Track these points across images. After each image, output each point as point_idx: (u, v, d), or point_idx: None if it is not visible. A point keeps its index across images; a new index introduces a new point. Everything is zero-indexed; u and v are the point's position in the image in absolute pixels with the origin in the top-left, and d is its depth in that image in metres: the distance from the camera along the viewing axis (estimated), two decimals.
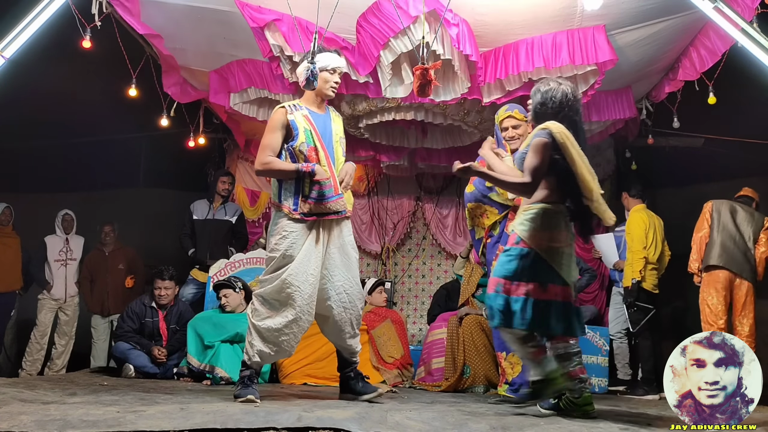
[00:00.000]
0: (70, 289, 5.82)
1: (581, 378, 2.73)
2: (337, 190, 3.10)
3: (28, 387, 3.21)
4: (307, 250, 3.05)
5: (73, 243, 5.91)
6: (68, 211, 5.95)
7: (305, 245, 3.05)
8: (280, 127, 3.10)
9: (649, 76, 4.95)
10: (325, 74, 3.18)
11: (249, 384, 3.05)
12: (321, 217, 3.08)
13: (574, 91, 2.89)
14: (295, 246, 3.03)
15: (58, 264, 5.81)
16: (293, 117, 3.12)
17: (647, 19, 4.06)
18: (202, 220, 5.73)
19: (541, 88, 2.90)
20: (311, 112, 3.19)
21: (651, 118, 5.45)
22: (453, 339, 4.57)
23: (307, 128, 3.11)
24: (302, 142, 3.07)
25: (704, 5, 3.33)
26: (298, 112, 3.15)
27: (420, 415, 2.47)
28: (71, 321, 5.83)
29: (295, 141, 3.08)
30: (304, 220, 3.06)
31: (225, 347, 4.37)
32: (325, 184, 3.05)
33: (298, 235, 3.05)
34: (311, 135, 3.11)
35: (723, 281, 4.40)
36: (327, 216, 3.09)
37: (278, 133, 3.10)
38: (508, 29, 4.15)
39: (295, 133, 3.09)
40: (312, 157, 3.08)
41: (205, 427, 2.05)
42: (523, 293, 2.69)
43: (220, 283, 4.73)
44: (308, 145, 3.08)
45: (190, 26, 4.39)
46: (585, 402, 2.72)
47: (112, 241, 6.01)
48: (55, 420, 2.07)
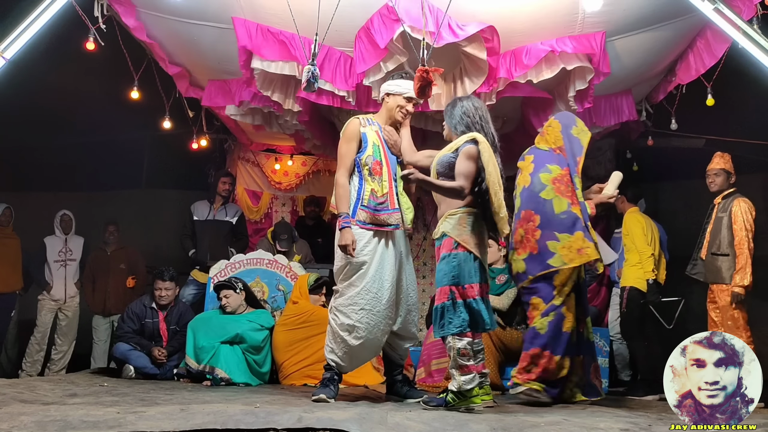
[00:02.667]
0: (70, 289, 5.82)
1: (482, 373, 2.99)
2: (393, 205, 3.28)
3: (28, 388, 3.22)
4: (381, 256, 3.23)
5: (72, 243, 5.90)
6: (66, 211, 5.93)
7: (378, 253, 3.23)
8: (354, 138, 3.30)
9: (649, 79, 4.96)
10: (400, 99, 3.36)
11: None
12: (377, 227, 3.25)
13: (481, 104, 3.21)
14: (365, 252, 3.21)
15: (58, 264, 5.80)
16: (365, 130, 3.32)
17: (648, 24, 4.07)
18: (202, 220, 5.73)
19: (451, 108, 3.21)
20: (381, 129, 3.38)
21: (651, 120, 5.46)
22: None
23: (376, 143, 3.31)
24: (369, 155, 3.28)
25: (704, 7, 3.33)
26: (370, 127, 3.35)
27: (420, 416, 2.47)
28: (72, 322, 5.82)
29: (363, 153, 3.28)
30: (364, 229, 3.23)
31: (225, 348, 4.37)
32: (381, 197, 3.24)
33: (368, 243, 3.22)
34: (379, 150, 3.30)
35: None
36: (383, 227, 3.25)
37: (353, 143, 3.30)
38: (509, 36, 4.15)
39: (364, 146, 3.29)
40: (376, 171, 3.27)
41: (205, 427, 2.06)
42: (477, 294, 2.93)
43: (220, 283, 4.73)
44: (374, 159, 3.28)
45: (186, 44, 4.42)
46: (477, 393, 2.94)
47: (115, 240, 6.01)
48: (55, 421, 2.08)
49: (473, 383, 2.92)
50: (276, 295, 5.14)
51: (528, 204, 3.61)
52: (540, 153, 3.73)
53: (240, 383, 4.26)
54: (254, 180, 7.15)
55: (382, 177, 3.26)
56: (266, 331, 4.52)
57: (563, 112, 4.02)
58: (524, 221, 3.60)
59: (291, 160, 7.11)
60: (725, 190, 4.38)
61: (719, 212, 4.35)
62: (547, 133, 3.80)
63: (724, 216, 4.30)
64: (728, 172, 4.40)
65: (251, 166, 7.17)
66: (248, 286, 4.81)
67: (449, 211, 3.06)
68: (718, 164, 4.43)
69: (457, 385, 2.93)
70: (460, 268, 2.95)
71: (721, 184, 4.39)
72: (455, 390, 2.94)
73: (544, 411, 3.09)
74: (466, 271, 2.95)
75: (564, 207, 3.53)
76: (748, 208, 4.23)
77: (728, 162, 4.42)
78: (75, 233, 5.95)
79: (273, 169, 7.21)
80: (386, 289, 3.21)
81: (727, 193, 4.38)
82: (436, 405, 2.96)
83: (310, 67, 3.19)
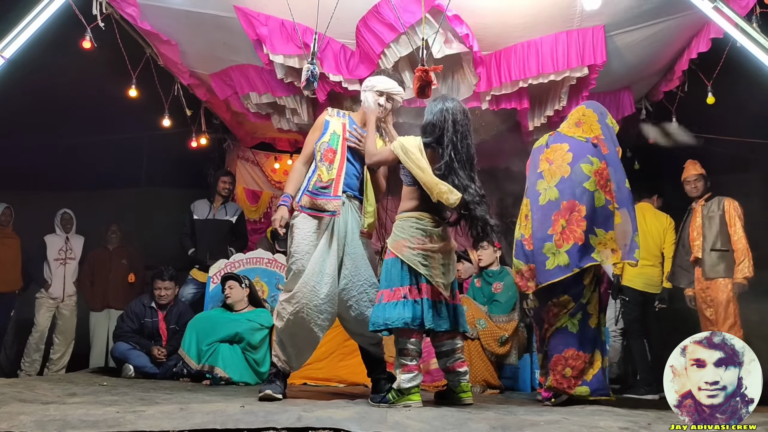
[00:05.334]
0: (69, 288, 5.81)
1: (458, 371, 3.14)
2: (336, 192, 3.18)
3: (27, 387, 3.21)
4: (321, 251, 3.15)
5: (73, 242, 5.91)
6: (67, 210, 5.94)
7: (318, 248, 3.15)
8: (318, 127, 3.31)
9: (648, 77, 4.96)
10: (372, 93, 3.30)
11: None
12: (315, 212, 3.17)
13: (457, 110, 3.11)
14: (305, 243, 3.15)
15: (58, 263, 5.80)
16: (330, 119, 3.30)
17: (647, 19, 4.07)
18: (202, 219, 5.73)
19: (432, 103, 3.18)
20: (352, 123, 3.34)
21: (651, 118, 5.45)
22: None
23: (337, 132, 3.26)
24: (324, 142, 3.24)
25: (703, 5, 3.33)
26: (338, 118, 3.33)
27: (420, 415, 2.47)
28: (69, 321, 5.81)
29: (320, 139, 3.25)
30: (308, 216, 3.17)
31: (224, 347, 4.37)
32: (325, 181, 3.16)
33: (309, 233, 3.16)
34: (337, 139, 3.25)
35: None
36: (320, 213, 3.17)
37: (317, 132, 3.30)
38: (508, 31, 4.15)
39: (323, 132, 3.26)
40: (327, 157, 3.21)
41: (204, 427, 2.05)
42: (401, 296, 3.00)
43: (228, 275, 4.75)
44: (328, 146, 3.23)
45: (189, 30, 4.41)
46: (460, 390, 3.11)
47: (117, 239, 6.04)
48: (54, 420, 2.07)
49: (413, 383, 2.97)
50: (276, 294, 5.13)
51: (571, 194, 3.38)
52: (577, 143, 3.49)
53: (239, 382, 4.26)
54: (254, 179, 7.15)
55: (333, 165, 3.20)
56: (266, 330, 4.52)
57: (591, 101, 3.80)
58: (567, 211, 3.35)
59: (291, 159, 7.11)
60: (705, 193, 4.69)
61: (708, 213, 4.59)
62: (583, 122, 3.57)
63: (715, 216, 4.54)
64: (705, 176, 4.71)
65: (251, 165, 7.16)
66: (253, 285, 4.82)
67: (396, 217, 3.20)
68: (695, 170, 4.72)
69: (397, 383, 3.01)
70: (387, 273, 3.10)
71: (702, 188, 4.70)
72: (395, 387, 3.01)
73: (544, 410, 3.09)
74: (394, 275, 3.07)
75: (602, 202, 3.39)
76: (738, 206, 4.55)
77: (701, 167, 4.73)
78: (75, 232, 5.96)
79: (273, 168, 7.21)
80: (325, 284, 3.11)
81: (708, 195, 4.67)
82: (379, 402, 3.02)
83: (309, 66, 3.19)
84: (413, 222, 3.11)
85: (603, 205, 3.38)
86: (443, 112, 3.11)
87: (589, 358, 3.40)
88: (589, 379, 3.37)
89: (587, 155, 3.42)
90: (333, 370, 4.54)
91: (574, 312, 3.40)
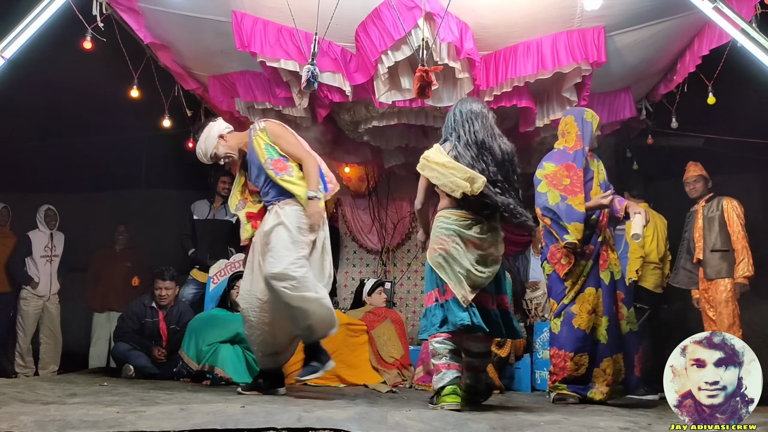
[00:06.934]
0: (54, 285, 5.73)
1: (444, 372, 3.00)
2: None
3: (28, 387, 3.22)
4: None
5: (57, 239, 5.80)
6: (50, 206, 5.83)
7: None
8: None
9: (648, 77, 4.95)
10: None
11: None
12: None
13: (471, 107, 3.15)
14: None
15: (44, 260, 5.69)
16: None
17: (647, 19, 4.06)
18: (202, 220, 5.73)
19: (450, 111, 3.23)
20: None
21: (651, 118, 5.45)
22: None
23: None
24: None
25: (704, 5, 3.33)
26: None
27: (420, 415, 2.47)
28: (55, 318, 5.72)
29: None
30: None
31: (225, 347, 4.37)
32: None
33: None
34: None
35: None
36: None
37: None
38: (508, 31, 4.14)
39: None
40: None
41: (205, 427, 2.05)
42: (433, 300, 3.03)
43: (238, 273, 4.76)
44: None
45: (188, 36, 4.41)
46: (446, 393, 2.92)
47: (124, 240, 6.03)
48: (54, 420, 2.08)
49: (442, 381, 2.95)
50: None
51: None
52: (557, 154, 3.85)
53: (240, 383, 4.25)
54: None
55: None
56: None
57: (573, 108, 4.18)
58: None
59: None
60: (706, 194, 4.70)
61: (708, 214, 4.60)
62: (567, 132, 3.88)
63: (714, 216, 4.56)
64: (705, 178, 4.72)
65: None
66: None
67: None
68: (695, 171, 4.74)
69: (433, 384, 3.04)
70: (427, 276, 3.14)
71: (701, 189, 4.72)
72: (435, 389, 3.01)
73: (545, 410, 3.09)
74: (427, 278, 3.12)
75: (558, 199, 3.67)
76: (738, 205, 4.55)
77: (702, 168, 4.75)
78: (58, 229, 5.85)
79: None
80: (256, 280, 3.43)
81: (709, 196, 4.69)
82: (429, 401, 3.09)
83: (309, 67, 3.19)
84: (440, 221, 3.08)
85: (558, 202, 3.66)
86: (449, 114, 3.20)
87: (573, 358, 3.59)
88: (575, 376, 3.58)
89: (543, 162, 3.79)
90: (333, 370, 4.53)
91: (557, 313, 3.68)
